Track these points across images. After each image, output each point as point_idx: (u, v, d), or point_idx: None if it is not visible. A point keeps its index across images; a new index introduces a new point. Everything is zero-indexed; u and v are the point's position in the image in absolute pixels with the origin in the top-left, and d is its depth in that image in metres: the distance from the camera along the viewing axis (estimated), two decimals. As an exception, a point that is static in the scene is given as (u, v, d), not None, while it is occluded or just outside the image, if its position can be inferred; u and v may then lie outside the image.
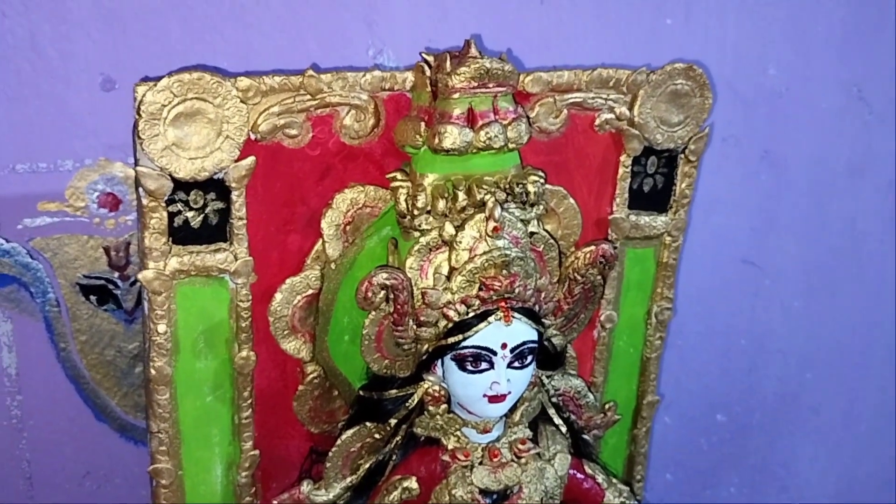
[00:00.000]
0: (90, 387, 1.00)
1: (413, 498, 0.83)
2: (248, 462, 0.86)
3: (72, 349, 0.98)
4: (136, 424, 1.03)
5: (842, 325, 1.47)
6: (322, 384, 0.87)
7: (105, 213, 0.95)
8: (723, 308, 1.37)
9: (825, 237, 1.41)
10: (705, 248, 1.30)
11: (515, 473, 0.83)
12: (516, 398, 0.82)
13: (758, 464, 1.50)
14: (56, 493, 1.02)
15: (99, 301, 0.98)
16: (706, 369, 1.39)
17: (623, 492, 0.90)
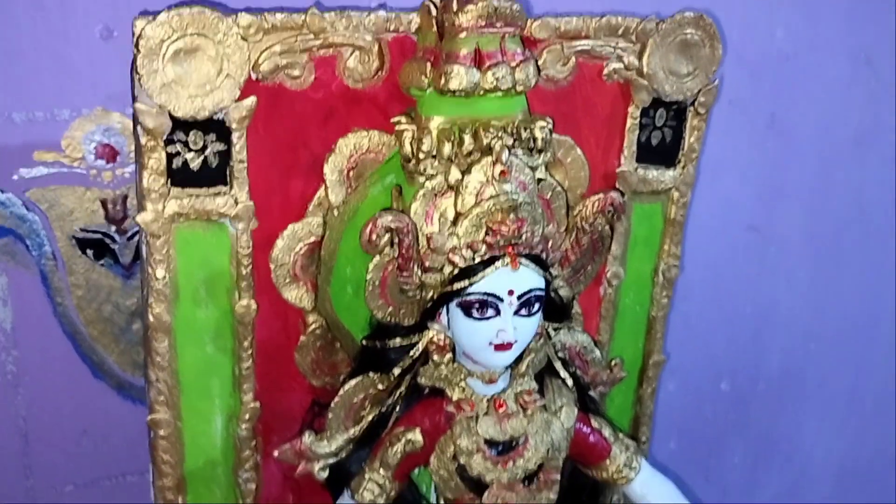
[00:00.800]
0: (87, 343, 0.98)
1: (417, 450, 0.82)
2: (248, 414, 0.84)
3: (68, 304, 0.97)
4: (135, 382, 1.01)
5: (847, 297, 1.45)
6: (324, 335, 0.85)
7: (102, 165, 0.93)
8: (728, 275, 1.36)
9: (831, 207, 1.39)
10: (711, 214, 1.29)
11: (521, 424, 0.81)
12: (522, 348, 0.80)
13: (762, 435, 1.48)
14: (53, 452, 1.01)
15: (96, 255, 0.96)
16: (711, 337, 1.38)
17: (630, 446, 0.88)
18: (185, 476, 0.85)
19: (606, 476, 0.87)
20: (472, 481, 0.81)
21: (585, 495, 0.91)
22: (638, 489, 0.88)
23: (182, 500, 0.85)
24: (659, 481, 0.89)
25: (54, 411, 1.00)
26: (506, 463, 0.81)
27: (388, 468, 0.82)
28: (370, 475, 0.82)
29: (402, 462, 0.82)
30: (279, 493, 0.91)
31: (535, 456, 0.81)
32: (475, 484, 0.81)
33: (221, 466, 0.86)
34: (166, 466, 0.83)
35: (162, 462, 0.83)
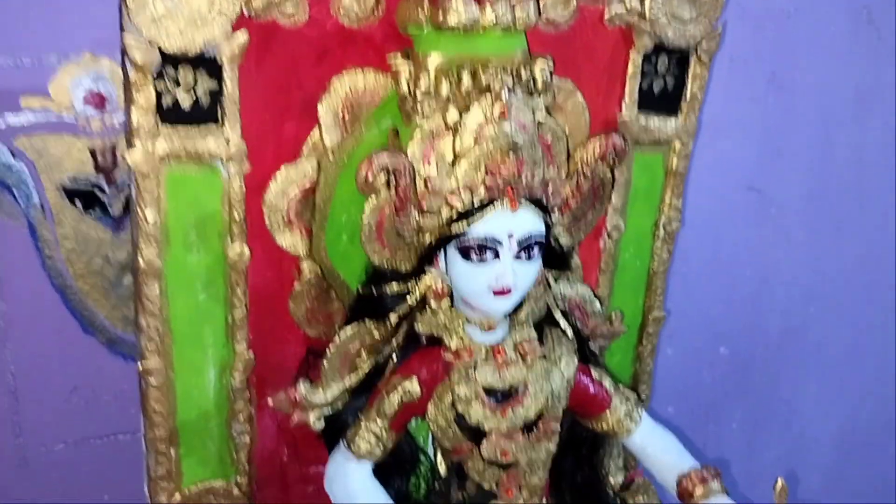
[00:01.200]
0: (77, 297, 0.96)
1: (414, 400, 0.80)
2: (242, 365, 0.83)
3: (57, 257, 0.94)
4: (126, 338, 0.99)
5: (846, 260, 1.44)
6: (319, 284, 0.83)
7: (91, 113, 0.91)
8: (728, 237, 1.34)
9: (831, 168, 1.38)
10: (711, 174, 1.27)
11: (521, 372, 0.80)
12: (522, 294, 0.78)
13: (761, 399, 1.47)
14: (42, 409, 0.99)
15: (85, 206, 0.94)
16: (710, 300, 1.36)
17: (630, 398, 0.87)
18: (178, 428, 0.83)
19: (607, 427, 0.86)
20: (471, 430, 0.80)
21: (585, 448, 0.90)
22: (638, 441, 0.86)
23: (174, 453, 0.84)
24: (660, 433, 0.87)
25: (44, 367, 0.98)
26: (505, 411, 0.79)
27: (384, 418, 0.80)
28: (366, 425, 0.80)
29: (399, 412, 0.80)
30: (274, 447, 0.89)
31: (535, 404, 0.80)
32: (473, 433, 0.80)
33: (214, 419, 0.85)
34: (158, 417, 0.81)
35: (153, 413, 0.81)
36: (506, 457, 0.80)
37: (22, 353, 0.96)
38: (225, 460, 0.87)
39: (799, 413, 1.51)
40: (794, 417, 1.52)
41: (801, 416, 1.52)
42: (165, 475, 0.84)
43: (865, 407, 1.56)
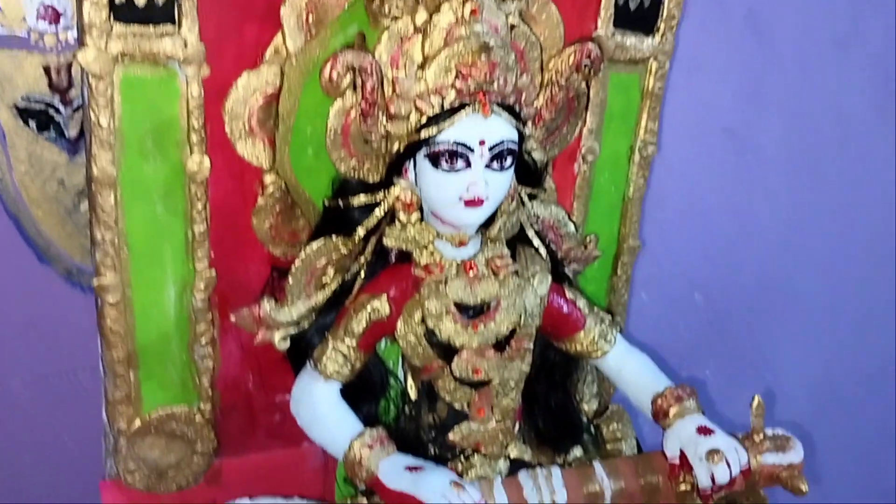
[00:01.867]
0: (32, 224, 0.93)
1: (382, 318, 0.77)
2: (203, 284, 0.79)
3: (10, 180, 0.91)
4: (84, 269, 0.96)
5: (824, 210, 1.43)
6: (283, 198, 0.80)
7: (45, 28, 0.87)
8: (704, 181, 1.32)
9: (809, 115, 1.36)
10: (686, 114, 1.25)
11: (493, 288, 0.77)
12: (494, 206, 0.76)
13: (735, 351, 1.46)
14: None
15: (39, 127, 0.90)
16: (686, 246, 1.35)
17: (605, 319, 0.85)
18: (137, 349, 0.80)
19: (580, 349, 0.84)
20: (442, 347, 0.77)
21: (558, 373, 0.88)
22: (613, 362, 0.84)
23: (133, 376, 0.80)
24: (635, 355, 0.85)
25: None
26: (476, 326, 0.77)
27: (352, 337, 0.77)
28: (334, 344, 0.78)
29: (367, 331, 0.78)
30: (238, 373, 0.86)
31: (507, 320, 0.77)
32: (444, 350, 0.77)
33: (175, 341, 0.81)
34: (115, 337, 0.78)
35: (110, 333, 0.78)
36: (477, 374, 0.78)
37: (-26, 282, 0.93)
38: (187, 385, 0.84)
39: (773, 364, 1.50)
40: (768, 368, 1.51)
41: (775, 368, 1.51)
42: (124, 399, 0.81)
43: (841, 360, 1.55)
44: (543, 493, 0.77)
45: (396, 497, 0.73)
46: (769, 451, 0.80)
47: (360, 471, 0.74)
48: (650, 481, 0.79)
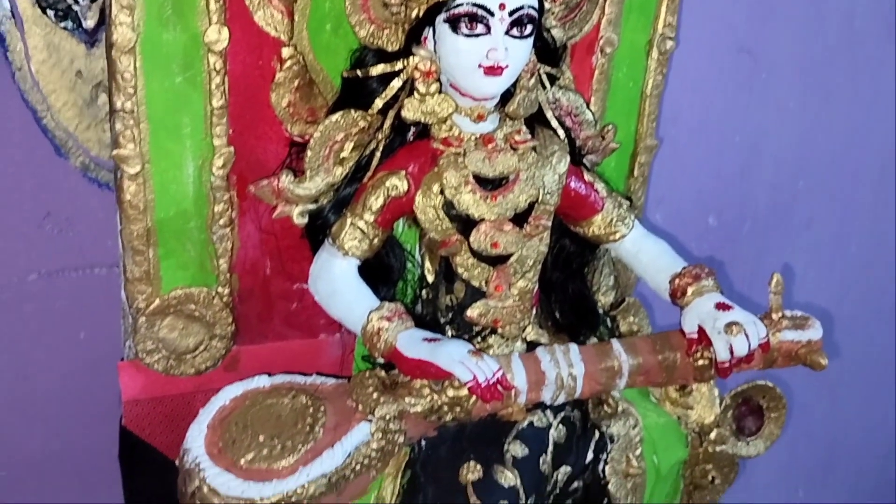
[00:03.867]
0: (50, 115, 0.92)
1: (400, 195, 0.78)
2: (221, 160, 0.79)
3: (28, 69, 0.90)
4: (101, 163, 0.95)
5: (836, 132, 1.42)
6: (301, 74, 0.80)
7: None
8: (717, 101, 1.31)
9: (823, 33, 1.35)
10: (701, 34, 1.24)
11: (512, 161, 0.77)
12: (513, 76, 0.75)
13: (747, 275, 1.45)
14: (13, 235, 0.95)
15: (57, 16, 0.89)
16: (699, 167, 1.34)
17: (623, 204, 0.85)
18: (156, 225, 0.80)
19: (598, 232, 0.84)
20: (460, 220, 0.77)
21: (575, 262, 0.88)
22: (630, 246, 0.85)
23: (152, 254, 0.81)
24: (653, 239, 0.86)
25: (14, 189, 0.93)
26: (495, 197, 0.77)
27: (370, 213, 0.77)
28: (352, 220, 0.78)
29: (385, 207, 0.78)
30: (256, 257, 0.86)
31: (526, 193, 0.77)
32: (463, 224, 0.78)
33: (194, 219, 0.81)
34: (134, 211, 0.78)
35: (129, 206, 0.78)
36: (495, 247, 0.78)
37: (-8, 172, 0.93)
38: (205, 267, 0.84)
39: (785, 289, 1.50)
40: (780, 295, 1.51)
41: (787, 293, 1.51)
42: (143, 277, 0.81)
43: (851, 286, 1.55)
44: (561, 367, 0.77)
45: (414, 366, 0.73)
46: (788, 328, 0.80)
47: (379, 342, 0.74)
48: (668, 357, 0.79)
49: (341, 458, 0.72)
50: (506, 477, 0.73)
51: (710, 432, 0.92)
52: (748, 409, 0.95)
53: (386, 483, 0.76)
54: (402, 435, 0.74)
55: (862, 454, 1.74)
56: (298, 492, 0.70)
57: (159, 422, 0.87)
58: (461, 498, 0.72)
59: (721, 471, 0.94)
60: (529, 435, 0.76)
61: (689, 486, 0.94)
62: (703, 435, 0.92)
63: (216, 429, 0.74)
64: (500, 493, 0.72)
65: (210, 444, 0.73)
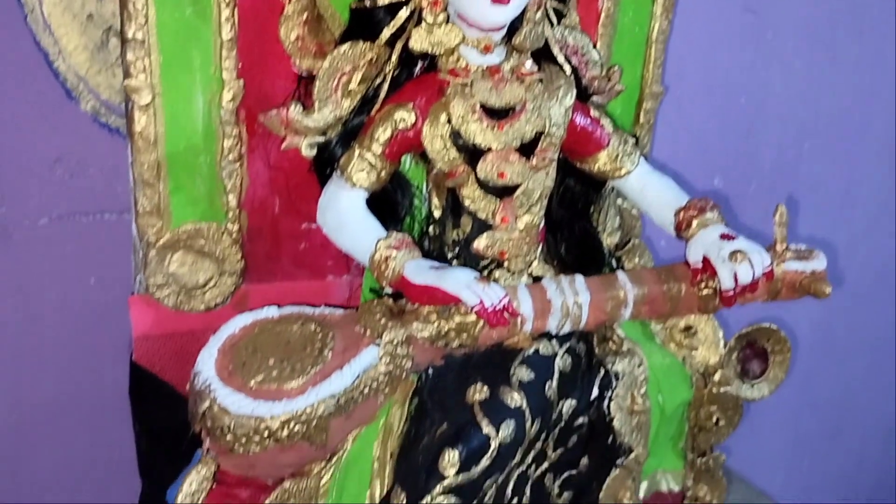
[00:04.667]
0: (61, 58, 0.93)
1: (408, 128, 0.78)
2: (231, 93, 0.80)
3: (39, 11, 0.91)
4: (113, 108, 0.96)
5: (842, 93, 1.43)
6: (310, 7, 0.81)
7: None
8: (723, 60, 1.32)
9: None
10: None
11: (519, 91, 0.78)
12: (520, 6, 0.76)
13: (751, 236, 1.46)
14: (25, 178, 0.96)
15: (67, -42, 0.91)
16: (705, 127, 1.35)
17: (629, 140, 0.85)
18: (166, 158, 0.81)
19: (604, 168, 0.84)
20: (467, 149, 0.78)
21: (580, 202, 0.89)
22: (635, 182, 0.85)
23: (162, 187, 0.82)
24: (658, 176, 0.86)
25: (26, 131, 0.95)
26: (501, 126, 0.77)
27: (378, 145, 0.78)
28: (360, 152, 0.79)
29: (392, 139, 0.79)
30: (265, 195, 0.87)
31: (532, 123, 0.78)
32: (470, 153, 0.78)
33: (203, 154, 0.82)
34: (144, 143, 0.79)
35: (140, 138, 0.79)
36: (502, 177, 0.78)
37: (2, 114, 0.93)
38: (215, 203, 0.85)
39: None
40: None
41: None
42: (154, 210, 0.82)
43: (858, 249, 1.55)
44: (567, 295, 0.78)
45: (422, 291, 0.74)
46: (792, 259, 0.81)
47: (387, 270, 0.75)
48: (672, 287, 0.80)
49: (350, 380, 0.73)
50: (512, 398, 0.74)
51: (715, 373, 0.92)
52: (753, 353, 0.96)
53: (393, 410, 0.77)
54: (410, 360, 0.75)
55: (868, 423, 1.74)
56: (307, 411, 0.71)
57: (169, 358, 0.88)
58: (468, 417, 0.73)
59: (725, 413, 0.94)
60: (535, 361, 0.77)
61: (693, 428, 0.95)
62: (707, 376, 0.92)
63: (226, 353, 0.76)
64: (507, 412, 0.73)
65: (220, 367, 0.74)
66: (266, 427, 0.70)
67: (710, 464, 0.97)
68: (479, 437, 0.71)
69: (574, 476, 0.85)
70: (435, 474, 0.70)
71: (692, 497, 0.97)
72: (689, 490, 0.97)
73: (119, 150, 0.92)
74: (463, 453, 0.71)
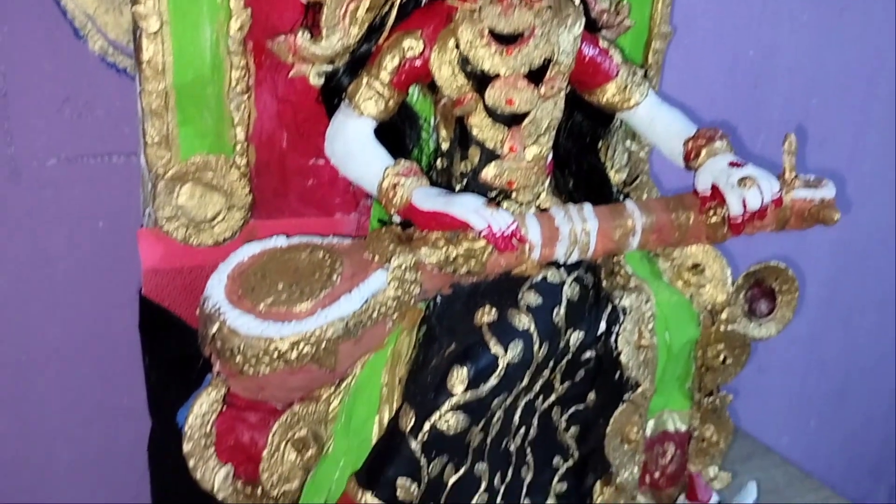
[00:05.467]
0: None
1: (416, 56, 0.78)
2: (238, 22, 0.80)
3: (46, -53, 0.92)
4: (119, 47, 0.96)
5: (849, 49, 1.42)
6: (317, -65, 0.81)
7: None
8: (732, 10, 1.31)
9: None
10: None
11: (528, 17, 0.77)
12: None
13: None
14: (34, 118, 0.96)
15: None
16: (713, 79, 1.35)
17: (638, 72, 0.85)
18: (174, 89, 0.81)
19: (612, 100, 0.84)
20: (475, 76, 0.78)
21: (588, 136, 0.89)
22: (644, 113, 0.85)
23: (171, 117, 0.82)
24: (667, 107, 0.86)
25: (34, 70, 0.95)
26: (510, 51, 0.77)
27: (386, 73, 0.78)
28: (367, 81, 0.79)
29: (400, 68, 0.78)
30: (273, 129, 0.87)
31: (541, 48, 0.78)
32: (478, 80, 0.78)
33: (211, 86, 0.82)
34: (153, 72, 0.79)
35: (148, 67, 0.79)
36: (510, 104, 0.78)
37: (11, 52, 0.93)
38: (223, 136, 0.85)
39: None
40: (792, 218, 1.51)
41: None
42: (162, 141, 0.82)
43: (864, 205, 1.55)
44: (575, 222, 0.78)
45: (430, 217, 0.75)
46: (801, 187, 0.81)
47: (395, 197, 0.76)
48: (681, 216, 0.80)
49: (358, 303, 0.73)
50: (520, 320, 0.74)
51: (722, 311, 0.92)
52: (760, 292, 0.96)
53: (402, 337, 0.77)
54: (418, 286, 0.75)
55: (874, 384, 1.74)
56: (317, 333, 0.71)
57: (178, 293, 0.88)
58: (477, 337, 0.73)
59: (733, 352, 0.94)
60: (543, 287, 0.77)
61: (700, 367, 0.95)
62: (714, 314, 0.92)
63: (235, 279, 0.76)
64: (515, 333, 0.73)
65: (230, 292, 0.75)
66: (275, 348, 0.70)
67: (716, 403, 0.97)
68: (488, 356, 0.72)
69: (581, 411, 0.86)
70: (443, 391, 0.71)
71: (699, 437, 0.98)
72: (696, 430, 0.97)
73: (127, 92, 0.92)
74: (471, 371, 0.71)
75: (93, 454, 1.08)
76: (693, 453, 0.98)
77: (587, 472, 0.89)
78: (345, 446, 0.77)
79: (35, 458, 1.07)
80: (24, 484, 1.07)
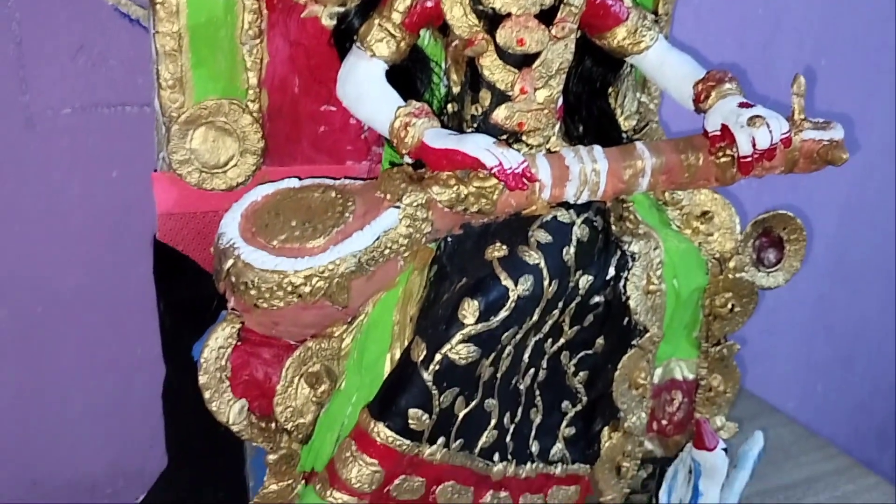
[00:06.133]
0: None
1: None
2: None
3: None
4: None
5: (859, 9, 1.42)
6: None
7: None
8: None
9: None
10: None
11: None
12: None
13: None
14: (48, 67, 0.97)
15: None
16: (721, 39, 1.35)
17: (648, 17, 0.85)
18: (188, 31, 0.81)
19: (622, 43, 0.84)
20: (486, 16, 0.78)
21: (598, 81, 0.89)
22: (653, 57, 0.85)
23: (184, 59, 0.82)
24: (677, 52, 0.86)
25: (48, 18, 0.96)
26: (521, -11, 0.78)
27: (398, 14, 0.79)
28: (379, 22, 0.79)
29: (411, 8, 0.79)
30: (286, 74, 0.87)
31: (551, -11, 0.78)
32: (490, 20, 0.79)
33: (224, 29, 0.83)
34: (166, 13, 0.79)
35: (161, 7, 0.79)
36: (521, 44, 0.78)
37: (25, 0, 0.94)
38: (235, 81, 0.85)
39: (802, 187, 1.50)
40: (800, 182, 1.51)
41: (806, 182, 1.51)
42: (176, 84, 0.83)
43: (873, 175, 1.55)
44: (585, 162, 0.79)
45: (441, 155, 0.75)
46: (810, 129, 0.81)
47: (407, 137, 0.76)
48: (690, 156, 0.80)
49: (370, 240, 0.74)
50: (530, 256, 0.75)
51: (730, 259, 0.93)
52: (769, 242, 0.96)
53: (413, 276, 0.78)
54: (429, 224, 0.76)
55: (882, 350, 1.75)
56: (329, 268, 0.72)
57: (192, 238, 0.89)
58: (487, 271, 0.74)
59: (740, 300, 0.95)
60: (554, 226, 0.78)
61: (708, 316, 0.95)
62: (722, 262, 0.93)
63: (249, 217, 0.77)
64: (525, 267, 0.74)
65: (244, 229, 0.75)
66: (289, 282, 0.71)
67: (724, 352, 0.98)
68: (499, 289, 0.73)
69: (590, 356, 0.87)
70: (455, 323, 0.72)
71: (706, 386, 0.98)
72: (703, 380, 0.98)
73: (140, 42, 0.93)
74: (482, 303, 0.72)
75: (108, 402, 1.10)
76: (700, 402, 0.99)
77: (595, 417, 0.90)
78: (357, 382, 0.78)
79: (51, 406, 1.09)
80: (39, 433, 1.09)
